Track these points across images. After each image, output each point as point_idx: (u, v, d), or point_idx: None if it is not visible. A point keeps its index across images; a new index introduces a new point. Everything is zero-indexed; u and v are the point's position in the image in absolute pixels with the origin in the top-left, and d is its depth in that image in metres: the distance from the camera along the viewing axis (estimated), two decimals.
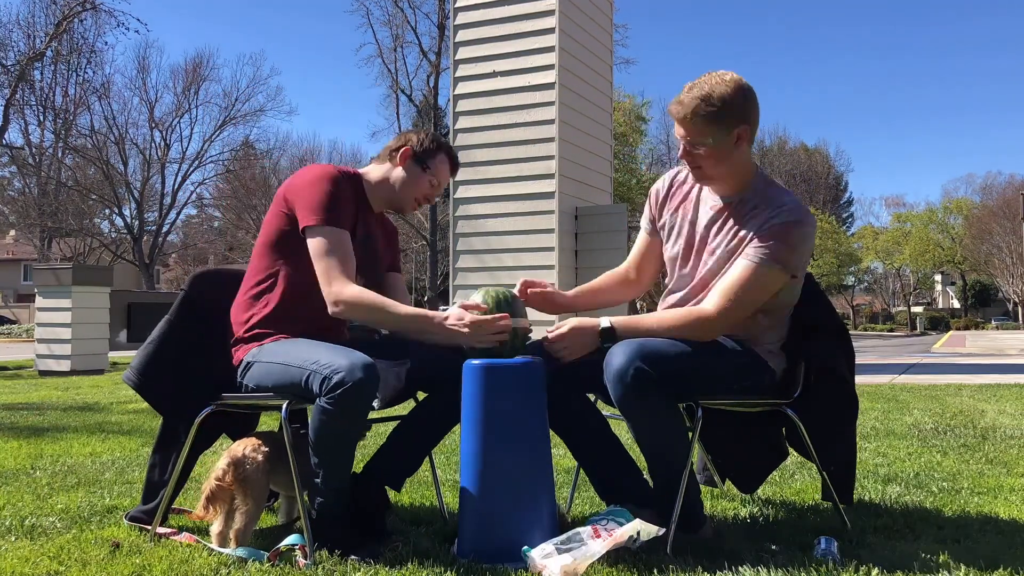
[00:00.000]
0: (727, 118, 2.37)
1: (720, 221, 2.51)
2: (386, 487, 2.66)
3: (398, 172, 2.72)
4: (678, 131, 2.44)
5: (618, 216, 8.09)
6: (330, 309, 2.46)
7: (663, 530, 2.27)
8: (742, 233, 2.44)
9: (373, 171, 2.75)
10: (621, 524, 2.29)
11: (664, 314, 2.50)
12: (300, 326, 2.54)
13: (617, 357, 2.30)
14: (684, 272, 2.60)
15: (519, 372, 2.35)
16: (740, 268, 2.40)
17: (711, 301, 2.41)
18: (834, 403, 2.65)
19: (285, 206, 2.55)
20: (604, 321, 2.42)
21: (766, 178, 2.53)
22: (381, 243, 2.80)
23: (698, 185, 2.59)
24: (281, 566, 2.24)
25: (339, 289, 2.44)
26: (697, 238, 2.56)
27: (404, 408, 2.72)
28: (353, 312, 2.47)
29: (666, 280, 2.71)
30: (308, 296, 2.52)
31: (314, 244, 2.48)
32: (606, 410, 2.74)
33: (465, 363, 2.37)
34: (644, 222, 2.78)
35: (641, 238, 2.79)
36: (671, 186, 2.69)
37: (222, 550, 2.38)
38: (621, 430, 2.82)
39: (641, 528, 2.25)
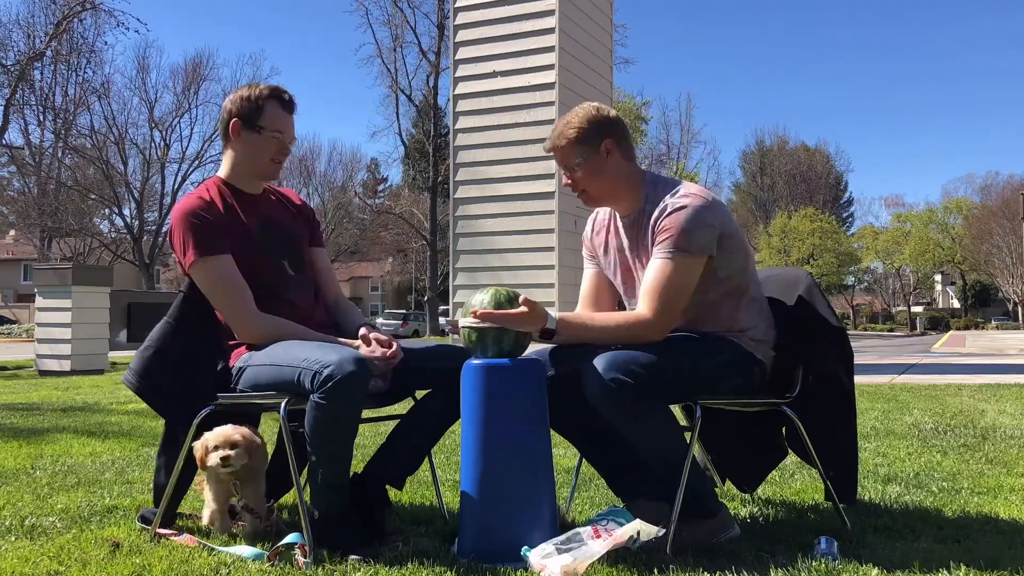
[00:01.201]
0: (590, 136, 2.52)
1: (635, 238, 2.59)
2: (387, 487, 2.66)
3: (239, 147, 2.65)
4: (557, 164, 2.62)
5: None
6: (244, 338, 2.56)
7: (663, 530, 2.27)
8: (648, 239, 2.52)
9: (225, 162, 2.70)
10: (621, 524, 2.29)
11: (607, 317, 2.53)
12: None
13: (593, 371, 2.31)
14: (631, 294, 2.65)
15: (519, 372, 2.35)
16: (652, 269, 2.45)
17: (642, 305, 2.44)
18: (830, 406, 2.66)
19: (174, 251, 2.61)
20: (551, 321, 2.39)
21: (656, 179, 2.60)
22: (287, 220, 2.76)
23: (611, 216, 2.68)
24: (281, 566, 2.24)
25: (245, 329, 2.54)
26: (628, 261, 2.64)
27: (402, 407, 2.72)
28: (262, 340, 2.54)
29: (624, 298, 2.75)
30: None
31: (200, 282, 2.56)
32: None
33: (465, 363, 2.38)
34: (585, 261, 2.82)
35: (588, 275, 2.80)
36: (593, 224, 2.79)
37: (224, 549, 2.38)
38: None
39: (641, 528, 2.25)
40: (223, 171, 2.70)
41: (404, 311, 47.56)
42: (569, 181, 2.59)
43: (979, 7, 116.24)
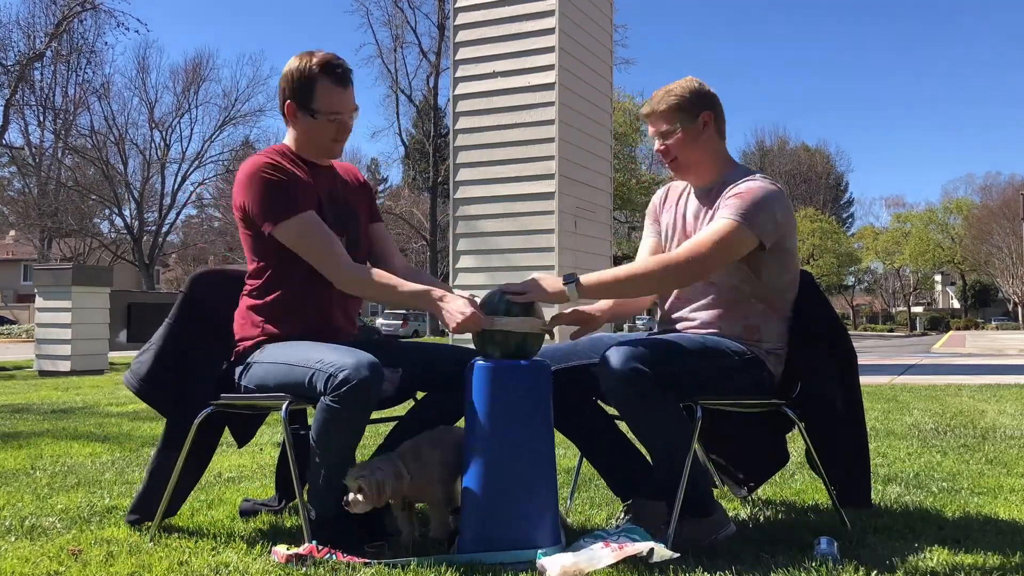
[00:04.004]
0: (691, 105, 2.59)
1: (703, 208, 2.63)
2: None
3: (298, 129, 2.56)
4: (651, 130, 2.65)
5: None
6: (340, 288, 2.49)
7: (678, 555, 2.23)
8: (717, 211, 2.54)
9: (288, 135, 2.62)
10: (635, 541, 2.24)
11: (631, 266, 2.50)
12: (304, 325, 2.52)
13: (613, 360, 2.33)
14: None
15: (524, 373, 2.35)
16: (710, 224, 2.49)
17: (678, 250, 2.47)
18: (830, 407, 2.64)
19: (243, 213, 2.52)
20: (570, 281, 2.42)
21: (743, 167, 2.66)
22: (350, 195, 2.69)
23: (687, 187, 2.72)
24: (283, 566, 2.23)
25: (337, 274, 2.46)
26: (688, 228, 2.66)
27: (403, 409, 2.72)
28: (361, 291, 2.51)
29: None
30: (305, 294, 2.52)
31: (289, 242, 2.46)
32: (609, 410, 2.74)
33: (470, 363, 2.37)
34: (647, 227, 2.86)
35: (646, 241, 2.84)
36: (667, 192, 2.83)
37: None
38: (623, 426, 2.82)
39: (655, 547, 2.20)
40: (288, 140, 2.62)
41: (404, 311, 47.48)
42: (661, 147, 2.63)
43: (980, 6, 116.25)
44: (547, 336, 2.45)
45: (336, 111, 2.52)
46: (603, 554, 2.16)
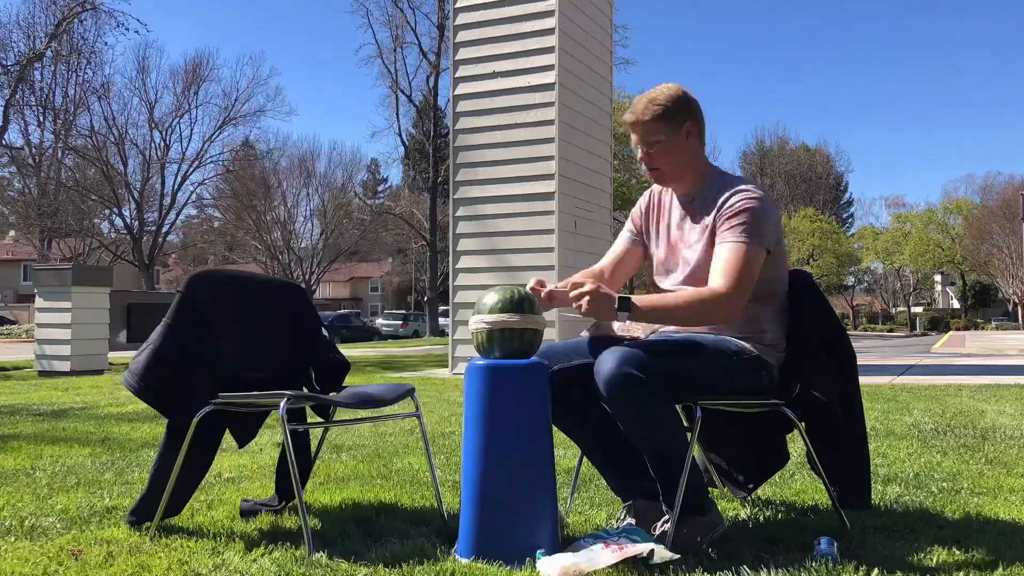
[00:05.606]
0: (674, 115, 2.57)
1: (688, 219, 2.64)
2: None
3: None
4: (634, 138, 2.63)
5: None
6: None
7: (678, 556, 2.23)
8: (707, 220, 2.56)
9: None
10: (636, 542, 2.24)
11: (679, 293, 2.52)
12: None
13: (607, 363, 2.32)
14: (669, 269, 2.70)
15: (522, 373, 2.35)
16: (727, 249, 2.48)
17: (718, 281, 2.44)
18: (829, 408, 2.63)
19: None
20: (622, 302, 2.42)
21: (722, 172, 2.68)
22: None
23: (670, 195, 2.74)
24: (282, 565, 2.23)
25: None
26: (673, 239, 2.68)
27: (397, 410, 2.72)
28: None
29: (655, 275, 2.79)
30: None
31: None
32: None
33: (469, 363, 2.38)
34: (626, 229, 2.87)
35: (622, 241, 2.85)
36: (650, 198, 2.84)
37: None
38: None
39: (656, 548, 2.20)
40: None
41: (404, 311, 47.52)
42: (644, 156, 2.62)
43: (980, 4, 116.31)
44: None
45: None
46: (603, 555, 2.16)
